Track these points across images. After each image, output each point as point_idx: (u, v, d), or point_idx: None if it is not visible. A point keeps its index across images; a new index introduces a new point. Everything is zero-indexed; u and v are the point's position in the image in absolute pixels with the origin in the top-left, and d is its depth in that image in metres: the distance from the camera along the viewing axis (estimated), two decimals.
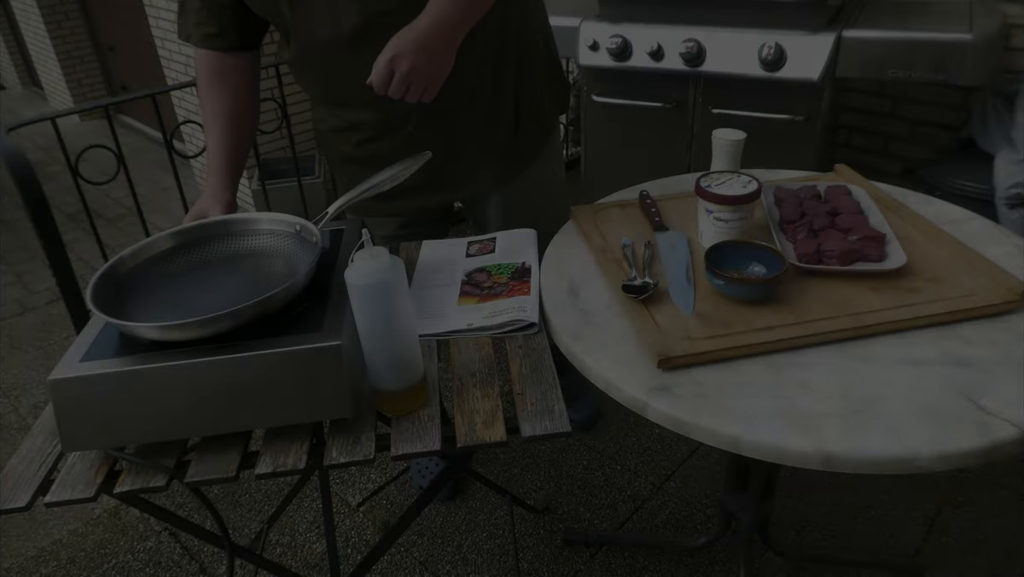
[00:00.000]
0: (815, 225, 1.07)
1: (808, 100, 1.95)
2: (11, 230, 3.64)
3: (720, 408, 0.80)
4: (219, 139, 1.19)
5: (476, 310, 1.04)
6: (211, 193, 1.14)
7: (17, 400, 2.34)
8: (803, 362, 0.86)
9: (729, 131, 1.19)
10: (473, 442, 0.82)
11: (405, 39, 1.01)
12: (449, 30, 1.04)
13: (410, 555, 1.64)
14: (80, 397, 0.79)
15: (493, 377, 0.92)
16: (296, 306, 0.88)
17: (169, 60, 3.64)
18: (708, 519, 1.67)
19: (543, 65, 1.36)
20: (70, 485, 0.81)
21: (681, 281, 1.00)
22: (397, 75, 0.99)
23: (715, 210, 1.05)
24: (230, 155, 1.19)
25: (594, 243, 1.13)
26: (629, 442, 1.92)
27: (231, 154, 1.19)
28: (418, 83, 1.02)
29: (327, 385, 0.81)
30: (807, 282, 0.98)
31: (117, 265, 0.92)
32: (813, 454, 0.75)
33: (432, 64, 1.02)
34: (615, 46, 2.10)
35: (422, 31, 1.01)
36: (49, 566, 1.71)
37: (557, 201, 1.47)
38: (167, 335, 0.80)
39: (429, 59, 1.02)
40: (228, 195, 1.15)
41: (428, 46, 1.02)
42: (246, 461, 0.83)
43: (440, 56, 1.04)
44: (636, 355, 0.89)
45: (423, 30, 1.01)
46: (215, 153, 1.18)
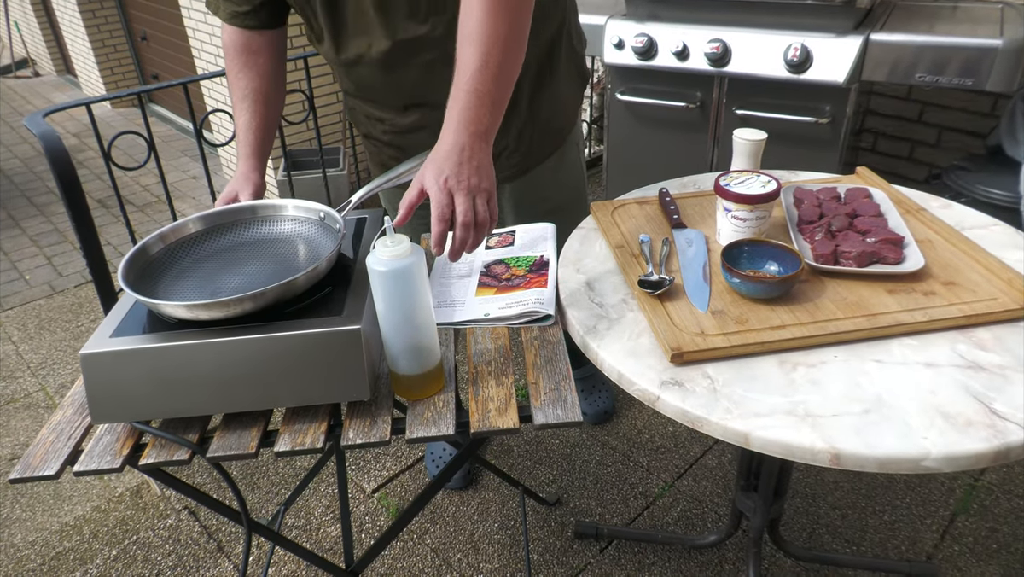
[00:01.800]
0: (833, 226, 1.07)
1: (833, 103, 1.95)
2: (42, 214, 3.72)
3: (731, 403, 0.81)
4: (248, 121, 1.20)
5: (493, 301, 1.06)
6: (242, 174, 1.15)
7: (45, 379, 2.40)
8: (815, 361, 0.87)
9: (750, 131, 1.20)
10: (486, 428, 0.84)
11: (445, 160, 0.89)
12: (480, 129, 0.92)
13: (422, 542, 1.66)
14: (109, 371, 0.82)
15: (508, 367, 0.94)
16: (318, 290, 0.90)
17: (200, 51, 3.69)
18: (719, 518, 1.68)
19: (567, 61, 1.35)
20: (98, 456, 0.84)
21: (697, 278, 1.01)
22: (462, 196, 0.87)
23: (733, 209, 1.06)
24: (258, 136, 1.20)
25: (612, 238, 1.14)
26: (642, 440, 1.93)
27: (259, 135, 1.21)
28: (481, 191, 0.90)
29: (346, 368, 0.84)
30: (823, 283, 0.99)
31: (148, 246, 0.95)
32: (822, 451, 0.76)
33: (480, 169, 0.91)
34: (640, 45, 2.11)
35: (455, 147, 0.90)
36: (72, 540, 1.76)
37: (572, 193, 1.48)
38: (194, 314, 0.83)
39: (475, 164, 0.90)
40: (257, 176, 1.16)
41: (471, 155, 0.90)
42: (266, 439, 0.86)
43: (481, 160, 0.91)
44: (650, 349, 0.90)
45: (456, 145, 0.90)
46: (244, 134, 1.20)
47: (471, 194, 0.88)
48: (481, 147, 0.91)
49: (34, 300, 2.91)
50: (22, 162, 4.45)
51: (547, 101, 1.32)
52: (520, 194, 1.41)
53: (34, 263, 3.22)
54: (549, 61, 1.30)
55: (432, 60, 1.16)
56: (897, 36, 1.84)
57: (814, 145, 2.01)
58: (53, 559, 1.71)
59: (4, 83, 6.26)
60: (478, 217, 0.89)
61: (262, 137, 1.21)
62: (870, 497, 1.71)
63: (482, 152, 0.91)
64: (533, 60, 1.27)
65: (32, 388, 2.36)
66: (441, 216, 0.86)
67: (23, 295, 2.95)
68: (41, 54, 6.43)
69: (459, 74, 0.93)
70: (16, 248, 3.36)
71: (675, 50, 2.06)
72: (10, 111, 5.48)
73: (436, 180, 0.87)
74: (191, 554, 1.68)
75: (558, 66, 1.32)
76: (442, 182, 0.87)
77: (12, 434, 2.15)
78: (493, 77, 0.92)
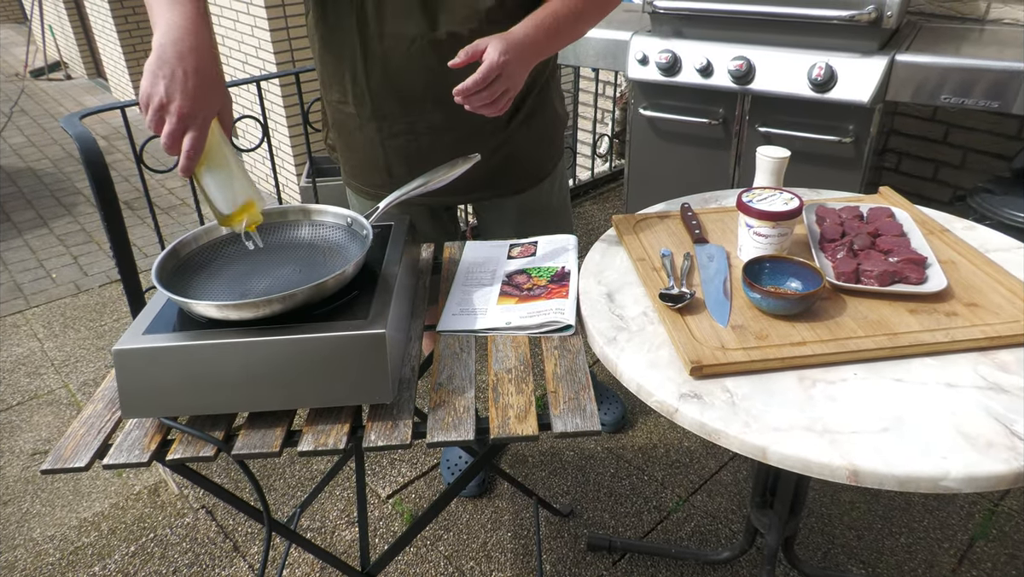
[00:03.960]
0: (855, 245, 1.08)
1: (857, 123, 1.95)
2: (70, 214, 3.79)
3: (750, 417, 0.82)
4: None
5: (515, 309, 1.07)
6: (165, 22, 0.89)
7: (68, 376, 2.44)
8: (835, 378, 0.87)
9: (773, 148, 1.20)
10: (506, 435, 0.85)
11: (519, 47, 1.03)
12: (537, 52, 1.08)
13: (436, 549, 1.67)
14: (140, 367, 0.84)
15: (528, 375, 0.95)
16: (344, 294, 0.92)
17: (228, 57, 3.76)
18: (733, 534, 1.67)
19: (557, 88, 1.42)
20: (126, 450, 0.86)
21: (718, 293, 1.02)
22: (502, 81, 1.01)
23: (755, 225, 1.07)
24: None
25: (634, 251, 1.15)
26: (657, 454, 1.92)
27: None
28: (508, 95, 1.06)
29: (370, 370, 0.85)
30: (844, 301, 0.99)
31: (180, 247, 0.97)
32: (840, 468, 0.76)
33: (520, 78, 1.06)
34: (665, 61, 2.12)
35: (527, 42, 1.05)
36: (91, 536, 1.78)
37: (562, 217, 1.54)
38: (224, 314, 0.85)
39: (522, 73, 1.05)
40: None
41: (525, 59, 1.06)
42: (289, 439, 0.88)
43: (524, 73, 1.07)
44: (669, 362, 0.91)
45: (528, 41, 1.05)
46: None
47: (510, 82, 1.04)
48: (534, 61, 1.10)
49: (60, 298, 2.96)
50: (52, 163, 4.54)
51: (553, 128, 1.44)
52: (518, 210, 1.46)
53: (61, 262, 3.29)
54: (549, 86, 1.39)
55: None
56: (923, 57, 1.84)
57: (837, 164, 2.01)
58: (72, 553, 1.73)
59: (37, 85, 6.39)
60: (499, 101, 1.05)
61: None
62: (887, 518, 1.70)
63: (531, 64, 1.09)
64: (541, 82, 1.34)
65: (55, 385, 2.40)
66: (484, 78, 1.00)
67: (49, 293, 3.01)
68: (73, 57, 6.57)
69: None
70: (44, 247, 3.43)
71: (699, 67, 2.08)
72: (42, 112, 5.60)
73: (499, 52, 1.01)
74: (207, 553, 1.70)
75: (548, 102, 1.40)
76: (502, 60, 1.01)
77: (35, 430, 2.19)
78: (566, 30, 1.14)
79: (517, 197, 1.43)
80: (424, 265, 1.25)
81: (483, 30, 1.16)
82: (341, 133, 1.37)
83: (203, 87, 0.86)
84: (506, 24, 1.17)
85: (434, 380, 0.95)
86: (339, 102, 1.31)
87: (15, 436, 2.16)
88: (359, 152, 1.36)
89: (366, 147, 1.34)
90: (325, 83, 1.33)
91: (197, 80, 0.86)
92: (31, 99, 5.96)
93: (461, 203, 1.50)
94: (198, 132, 0.86)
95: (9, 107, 5.74)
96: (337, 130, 1.38)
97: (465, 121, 1.05)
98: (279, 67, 3.34)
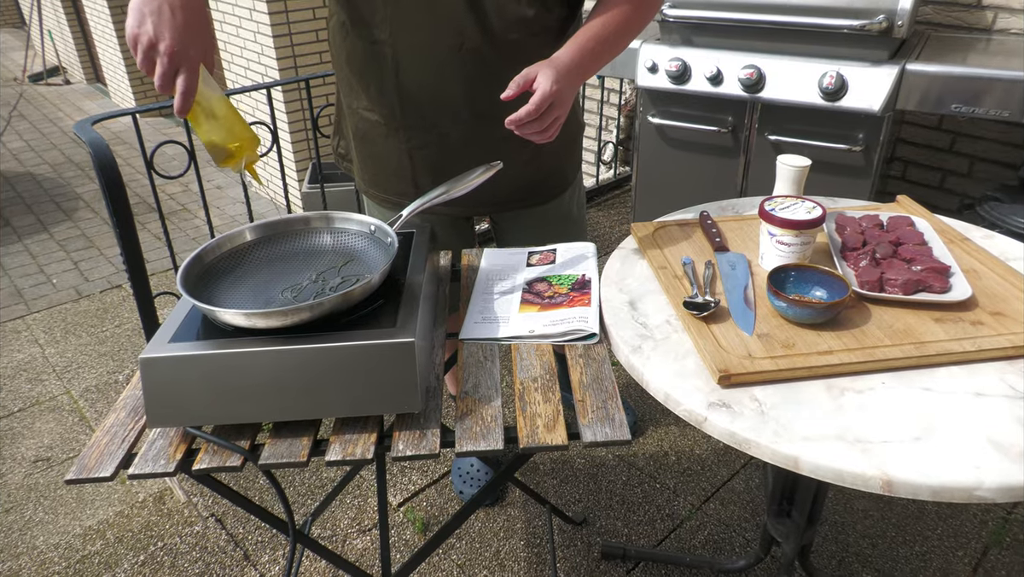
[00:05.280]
0: (878, 253, 1.08)
1: (867, 132, 1.95)
2: (70, 219, 3.77)
3: (779, 427, 0.81)
4: None
5: (537, 318, 1.07)
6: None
7: (70, 382, 2.43)
8: (863, 387, 0.87)
9: (794, 157, 1.20)
10: (535, 444, 0.85)
11: (567, 74, 1.04)
12: (582, 76, 1.09)
13: (448, 557, 1.66)
14: (167, 376, 0.83)
15: (554, 383, 0.95)
16: (370, 303, 0.92)
17: (230, 63, 3.76)
18: (747, 543, 1.66)
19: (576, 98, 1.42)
20: (151, 460, 0.85)
21: (741, 302, 1.02)
22: (554, 109, 1.02)
23: (778, 234, 1.07)
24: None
25: (654, 259, 1.15)
26: (669, 462, 1.92)
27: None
28: (558, 123, 1.07)
29: (399, 380, 0.85)
30: (868, 310, 0.99)
31: (204, 254, 0.97)
32: (873, 477, 0.75)
33: (569, 104, 1.07)
34: (674, 69, 2.13)
35: (573, 67, 1.06)
36: (96, 544, 1.77)
37: (580, 226, 1.54)
38: (251, 322, 0.84)
39: (571, 99, 1.07)
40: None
41: (573, 85, 1.07)
42: (316, 448, 0.87)
43: (572, 99, 1.09)
44: (695, 370, 0.91)
45: (574, 66, 1.06)
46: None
47: (561, 110, 1.04)
48: (580, 84, 1.12)
49: (60, 304, 2.95)
50: (52, 167, 4.52)
51: (572, 142, 1.45)
52: (535, 222, 1.45)
53: (61, 267, 3.27)
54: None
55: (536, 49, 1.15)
56: (933, 67, 1.85)
57: (846, 173, 2.01)
58: (78, 563, 1.72)
59: (36, 90, 6.38)
60: (550, 128, 1.05)
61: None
62: (901, 527, 1.70)
63: (577, 89, 1.12)
64: None
65: (57, 391, 2.38)
66: (538, 108, 1.00)
67: (50, 299, 2.99)
68: (72, 62, 6.56)
69: (598, 20, 1.14)
70: (44, 252, 3.41)
71: (709, 75, 2.08)
72: (41, 118, 5.58)
73: (552, 81, 1.01)
74: (218, 562, 1.69)
75: (572, 112, 1.39)
76: (554, 89, 1.01)
77: (36, 436, 2.17)
78: (608, 51, 1.14)
79: (540, 208, 1.42)
80: (443, 272, 1.24)
81: (521, 41, 1.17)
82: (364, 141, 1.35)
83: (191, 24, 0.84)
84: (543, 36, 1.17)
85: (459, 389, 0.95)
86: (366, 109, 1.29)
87: (17, 443, 2.14)
88: (384, 161, 1.34)
89: (392, 156, 1.32)
90: (348, 90, 1.31)
91: (185, 16, 0.84)
92: (30, 104, 5.94)
93: (487, 214, 1.49)
94: (189, 72, 0.84)
95: (8, 112, 5.72)
96: (359, 139, 1.36)
97: (497, 132, 1.05)
98: (281, 73, 3.34)
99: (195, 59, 0.85)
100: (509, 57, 1.14)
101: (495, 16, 1.14)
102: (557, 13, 1.20)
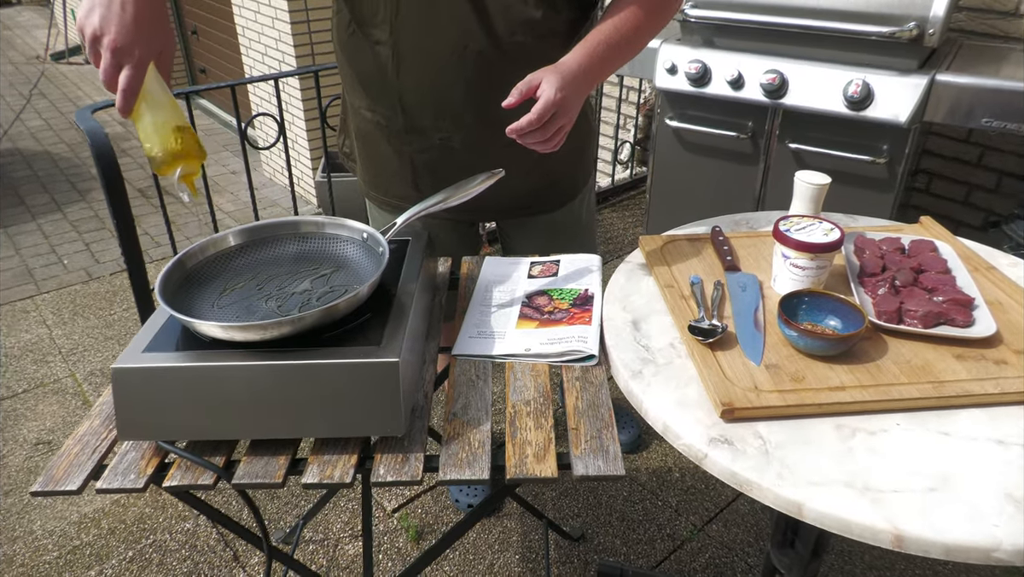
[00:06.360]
0: (897, 281, 1.02)
1: (892, 143, 1.88)
2: (84, 200, 3.77)
3: (784, 468, 0.76)
4: None
5: (535, 335, 1.02)
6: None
7: (75, 365, 2.42)
8: (876, 428, 0.82)
9: (813, 174, 1.14)
10: (523, 475, 0.80)
11: (574, 81, 0.99)
12: (590, 82, 1.03)
13: (440, 568, 1.62)
14: (139, 388, 0.80)
15: (548, 408, 0.90)
16: (357, 316, 0.87)
17: (248, 48, 3.72)
18: (749, 569, 1.61)
19: (588, 101, 1.34)
20: (121, 473, 0.82)
21: (750, 327, 0.96)
22: (558, 118, 0.97)
23: (792, 256, 1.01)
24: None
25: (661, 277, 1.10)
26: (672, 478, 1.87)
27: None
28: (563, 132, 1.01)
29: (381, 401, 0.80)
30: (885, 342, 0.93)
31: (186, 259, 0.93)
32: (883, 531, 0.70)
33: (575, 113, 1.02)
34: (694, 71, 2.06)
35: (581, 73, 1.00)
36: (90, 534, 1.75)
37: (589, 233, 1.48)
38: (229, 335, 0.80)
39: (578, 106, 1.01)
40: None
41: (580, 92, 1.01)
42: (293, 467, 0.83)
43: (579, 107, 1.03)
44: (698, 401, 0.86)
45: (581, 72, 1.00)
46: None
47: (565, 118, 0.99)
48: (588, 91, 1.06)
49: (70, 285, 2.94)
50: (69, 147, 4.52)
51: (586, 150, 1.41)
52: (544, 230, 1.40)
53: (73, 248, 3.26)
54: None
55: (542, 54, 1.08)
56: (965, 78, 1.77)
57: (868, 185, 1.94)
58: (70, 553, 1.70)
59: (57, 68, 6.39)
60: (554, 138, 1.00)
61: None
62: (909, 559, 1.64)
63: (585, 96, 1.05)
64: None
65: (62, 373, 2.37)
66: (540, 117, 0.95)
67: (60, 279, 2.98)
68: None
69: (609, 23, 1.07)
70: (56, 232, 3.41)
71: (730, 79, 2.01)
72: (60, 96, 5.59)
73: (556, 89, 0.96)
74: (207, 561, 1.66)
75: (583, 117, 1.34)
76: (559, 97, 0.96)
77: (39, 419, 2.16)
78: (618, 56, 1.08)
79: (549, 215, 1.37)
80: (440, 280, 1.20)
81: (528, 44, 1.11)
82: (366, 142, 1.30)
83: (140, 21, 0.81)
84: (550, 39, 1.11)
85: (448, 409, 0.90)
86: (367, 110, 1.24)
87: (19, 425, 2.13)
88: (383, 163, 1.30)
89: (392, 159, 1.27)
90: (350, 88, 1.27)
91: (136, 11, 0.80)
92: (51, 82, 5.96)
93: (492, 220, 1.44)
94: (134, 70, 0.81)
95: (28, 90, 5.74)
96: (361, 139, 1.31)
97: (502, 138, 1.00)
98: (298, 61, 3.30)
99: (141, 57, 0.81)
100: (515, 60, 1.08)
101: (500, 18, 1.08)
102: (566, 15, 1.14)
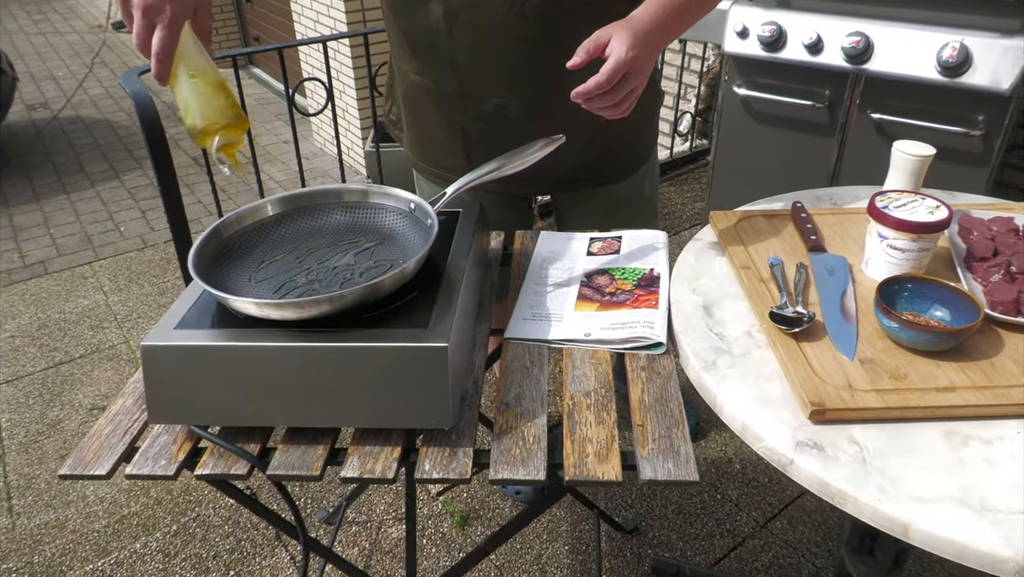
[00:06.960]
0: (1013, 266, 0.89)
1: (989, 114, 1.71)
2: (141, 168, 3.80)
3: (885, 480, 0.66)
4: None
5: (595, 318, 0.93)
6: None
7: (129, 332, 2.43)
8: (992, 436, 0.71)
9: (914, 144, 1.01)
10: (583, 477, 0.72)
11: (646, 38, 0.88)
12: (664, 38, 0.93)
13: (487, 558, 1.56)
14: (170, 367, 0.74)
15: (611, 401, 0.81)
16: (403, 294, 0.80)
17: (300, 15, 3.67)
18: (817, 571, 1.51)
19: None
20: (152, 458, 0.76)
21: (838, 316, 0.85)
22: (629, 80, 0.87)
23: (891, 237, 0.89)
24: None
25: (736, 257, 0.99)
26: (733, 470, 1.77)
27: None
28: (634, 95, 0.90)
29: (428, 390, 0.73)
30: (1000, 336, 0.82)
31: (222, 228, 0.86)
32: (1007, 560, 0.60)
33: (647, 73, 0.91)
34: (768, 34, 1.91)
35: (654, 29, 0.90)
36: (139, 502, 1.75)
37: (651, 207, 1.37)
38: (265, 312, 0.74)
39: (650, 66, 0.90)
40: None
41: (653, 49, 0.91)
42: (332, 458, 0.76)
43: (651, 66, 0.92)
44: (781, 398, 0.76)
45: (654, 27, 0.90)
46: None
47: (637, 80, 0.89)
48: (661, 48, 0.99)
49: (126, 252, 2.97)
50: (127, 115, 4.58)
51: (647, 120, 1.29)
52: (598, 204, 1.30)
53: (129, 215, 3.29)
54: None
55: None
56: None
57: (960, 160, 1.78)
58: (118, 522, 1.70)
59: (118, 37, 6.48)
60: (624, 102, 0.90)
61: None
62: None
63: (658, 53, 0.97)
64: None
65: (117, 340, 2.39)
66: (611, 79, 0.85)
67: (117, 246, 3.02)
68: None
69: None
70: (114, 199, 3.45)
71: (807, 42, 1.86)
72: (121, 65, 5.67)
73: (628, 47, 0.86)
74: (249, 539, 1.64)
75: (651, 80, 1.22)
76: (630, 56, 0.86)
77: (95, 384, 2.18)
78: (695, 7, 0.97)
79: (610, 187, 1.27)
80: (493, 256, 1.11)
81: None
82: (414, 108, 1.21)
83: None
84: None
85: (500, 398, 0.82)
86: (415, 72, 1.15)
87: (76, 389, 2.16)
88: (433, 132, 1.21)
89: (443, 127, 1.18)
90: (398, 50, 1.18)
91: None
92: (111, 51, 6.05)
93: (547, 193, 1.35)
94: (167, 31, 0.74)
95: (91, 59, 5.83)
96: (409, 105, 1.22)
97: (563, 105, 0.89)
98: (349, 27, 3.23)
99: (174, 15, 0.74)
100: (578, 16, 0.98)
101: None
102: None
